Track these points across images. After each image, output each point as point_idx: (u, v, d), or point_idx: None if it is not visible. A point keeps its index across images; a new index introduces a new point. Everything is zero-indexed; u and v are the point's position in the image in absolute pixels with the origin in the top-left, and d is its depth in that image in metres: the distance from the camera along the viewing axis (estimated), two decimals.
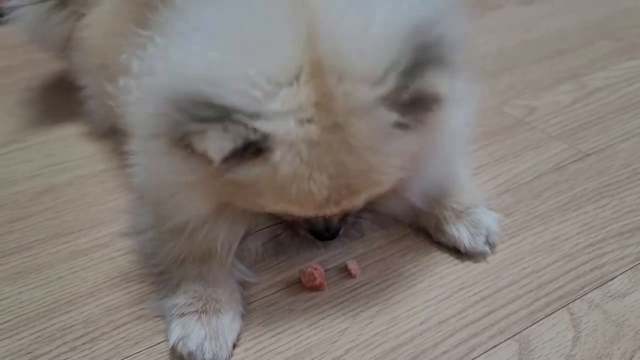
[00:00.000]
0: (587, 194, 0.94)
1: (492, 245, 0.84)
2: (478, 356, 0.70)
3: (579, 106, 1.19)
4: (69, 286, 0.81)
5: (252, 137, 0.58)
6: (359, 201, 0.69)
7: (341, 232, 0.77)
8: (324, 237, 0.76)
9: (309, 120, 0.60)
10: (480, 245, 0.83)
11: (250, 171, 0.61)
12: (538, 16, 1.60)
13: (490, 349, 0.71)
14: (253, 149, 0.60)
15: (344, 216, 0.76)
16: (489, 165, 1.02)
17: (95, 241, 0.89)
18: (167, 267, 0.77)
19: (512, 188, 0.96)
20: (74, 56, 1.12)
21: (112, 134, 1.07)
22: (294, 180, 0.62)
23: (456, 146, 0.82)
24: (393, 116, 0.60)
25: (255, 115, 0.58)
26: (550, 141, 1.08)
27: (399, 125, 0.61)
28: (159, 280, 0.78)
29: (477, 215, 0.85)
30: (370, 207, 0.78)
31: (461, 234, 0.83)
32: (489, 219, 0.85)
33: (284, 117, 0.59)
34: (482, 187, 0.96)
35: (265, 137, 0.59)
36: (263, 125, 0.58)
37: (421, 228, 0.88)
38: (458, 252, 0.84)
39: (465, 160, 0.94)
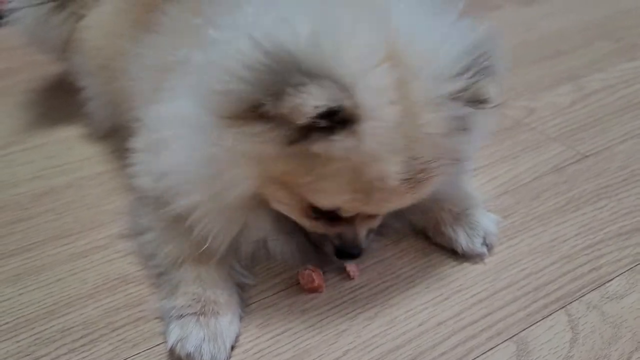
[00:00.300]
0: (586, 195, 0.94)
1: (489, 247, 0.84)
2: (476, 357, 0.70)
3: (577, 107, 1.19)
4: (69, 288, 0.81)
5: (347, 103, 0.59)
6: (426, 193, 0.71)
7: (363, 252, 0.78)
8: (350, 254, 0.77)
9: (394, 102, 0.62)
10: (477, 246, 0.83)
11: (332, 142, 0.61)
12: (538, 17, 1.60)
13: (488, 350, 0.71)
14: (342, 118, 0.60)
15: (369, 232, 0.78)
16: (488, 166, 1.02)
17: (94, 243, 0.89)
18: (166, 269, 0.78)
19: (511, 189, 0.97)
20: (74, 58, 1.12)
21: (112, 136, 1.08)
22: (374, 159, 0.63)
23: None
24: (460, 110, 0.65)
25: (351, 82, 0.59)
26: (549, 142, 1.08)
27: (461, 121, 0.66)
28: (158, 282, 0.79)
29: (474, 217, 0.85)
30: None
31: (458, 235, 0.83)
32: (487, 221, 0.85)
33: (377, 92, 0.61)
34: (480, 188, 0.96)
35: (357, 107, 0.60)
36: (358, 93, 0.59)
37: (419, 230, 0.88)
38: (456, 253, 0.84)
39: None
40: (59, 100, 1.24)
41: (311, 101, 0.57)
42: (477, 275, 0.81)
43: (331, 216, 0.72)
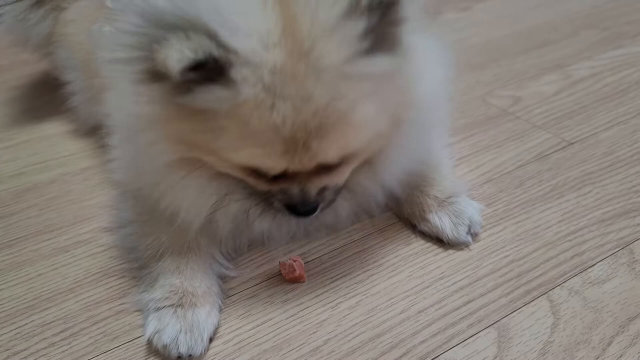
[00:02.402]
0: (570, 182, 0.94)
1: (474, 235, 0.84)
2: (456, 345, 0.70)
3: (563, 95, 1.18)
4: (49, 283, 0.81)
5: (215, 52, 0.56)
6: (330, 149, 0.64)
7: (318, 209, 0.72)
8: (299, 211, 0.71)
9: (274, 45, 0.58)
10: (462, 235, 0.83)
11: (210, 94, 0.59)
12: (526, 8, 1.60)
13: (469, 337, 0.71)
14: (214, 68, 0.57)
15: (322, 190, 0.72)
16: (472, 155, 1.01)
17: (77, 238, 0.89)
18: (146, 262, 0.77)
19: (495, 178, 0.96)
20: (58, 52, 1.12)
21: (96, 132, 1.07)
22: (255, 108, 0.59)
23: (434, 116, 0.79)
24: (359, 25, 0.58)
25: (220, 29, 0.57)
26: (534, 131, 1.07)
27: (367, 40, 0.59)
28: (139, 274, 0.78)
29: (459, 205, 0.85)
30: (348, 186, 0.76)
31: (444, 223, 0.83)
32: (472, 209, 0.85)
33: (249, 36, 0.58)
34: (464, 177, 0.96)
35: (228, 53, 0.57)
36: (227, 40, 0.57)
37: (405, 217, 0.88)
38: (439, 241, 0.84)
39: (448, 150, 0.94)
40: (43, 98, 1.24)
41: (176, 54, 0.55)
42: (459, 262, 0.81)
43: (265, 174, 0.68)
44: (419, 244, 0.85)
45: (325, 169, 0.69)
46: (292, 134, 0.61)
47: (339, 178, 0.73)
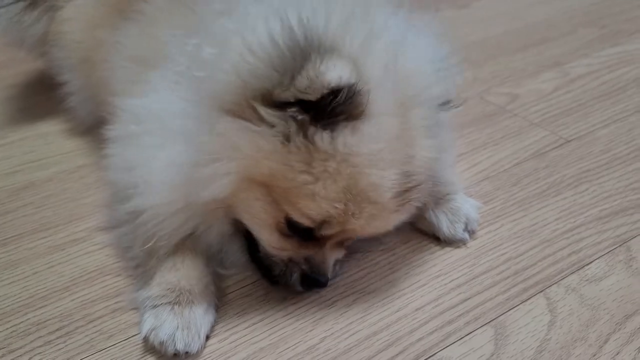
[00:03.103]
0: (567, 180, 0.94)
1: (471, 233, 0.84)
2: (453, 342, 0.70)
3: (561, 93, 1.18)
4: (45, 281, 0.81)
5: (359, 85, 0.59)
6: (405, 217, 0.72)
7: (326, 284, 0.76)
8: (317, 281, 0.74)
9: (395, 114, 0.65)
10: (459, 232, 0.83)
11: (337, 137, 0.62)
12: (524, 5, 1.60)
13: (466, 335, 0.71)
14: (349, 106, 0.60)
15: (336, 263, 0.76)
16: (469, 153, 1.01)
17: (73, 236, 0.88)
18: (142, 260, 0.77)
19: (492, 175, 0.96)
20: (54, 51, 1.11)
21: (93, 130, 1.07)
22: (372, 165, 0.63)
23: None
24: (435, 113, 0.69)
25: (363, 64, 0.62)
26: (531, 128, 1.07)
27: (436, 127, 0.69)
28: (135, 273, 0.78)
29: (456, 202, 0.84)
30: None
31: (440, 221, 0.83)
32: (468, 207, 0.85)
33: (383, 88, 0.63)
34: (461, 175, 0.95)
35: (367, 95, 0.61)
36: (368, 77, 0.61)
37: None
38: (436, 239, 0.84)
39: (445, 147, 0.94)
40: (39, 96, 1.24)
41: (329, 73, 0.58)
42: (456, 260, 0.81)
43: (305, 235, 0.70)
44: (414, 242, 0.84)
45: (343, 242, 0.75)
46: (388, 201, 0.66)
47: (343, 251, 0.77)
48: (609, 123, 1.07)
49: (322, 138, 0.62)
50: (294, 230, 0.69)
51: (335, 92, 0.59)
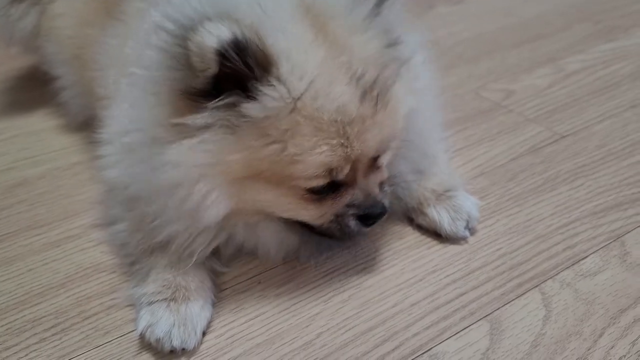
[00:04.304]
0: (562, 175, 0.94)
1: (471, 231, 0.84)
2: (449, 337, 0.70)
3: (556, 89, 1.18)
4: (40, 278, 0.80)
5: (254, 41, 0.58)
6: (384, 129, 0.68)
7: (387, 207, 0.74)
8: (375, 214, 0.73)
9: (314, 41, 0.63)
10: (460, 230, 0.83)
11: (267, 96, 0.60)
12: (519, 1, 1.60)
13: (462, 330, 0.71)
14: (259, 60, 0.59)
15: (381, 186, 0.74)
16: (465, 149, 1.01)
17: (67, 233, 0.88)
18: (137, 257, 0.77)
19: (487, 171, 0.96)
20: (47, 46, 1.10)
21: (86, 126, 1.07)
22: (317, 95, 0.62)
23: (431, 120, 0.82)
24: (381, 23, 0.67)
25: (256, 25, 0.60)
26: (527, 124, 1.07)
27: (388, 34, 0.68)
28: (131, 270, 0.78)
29: (458, 200, 0.84)
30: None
31: (442, 217, 0.83)
32: (470, 204, 0.85)
33: (288, 35, 0.61)
34: (457, 170, 0.95)
35: (269, 49, 0.60)
36: (266, 36, 0.60)
37: (402, 211, 0.87)
38: (432, 235, 0.84)
39: (443, 144, 0.94)
40: (32, 92, 1.23)
41: (207, 39, 0.56)
42: (452, 256, 0.81)
43: (332, 186, 0.69)
44: (412, 238, 0.85)
45: (371, 166, 0.71)
46: (359, 109, 0.64)
47: (384, 170, 0.75)
48: (603, 118, 1.07)
49: (253, 107, 0.61)
50: (318, 192, 0.69)
51: (224, 54, 0.57)
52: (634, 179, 0.92)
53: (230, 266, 0.80)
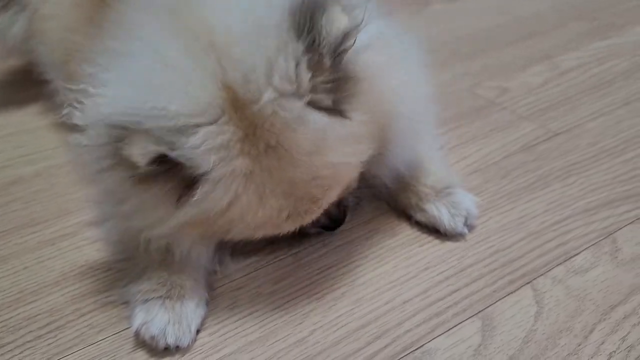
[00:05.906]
0: (555, 172, 0.95)
1: (470, 227, 0.84)
2: (441, 334, 0.71)
3: (550, 86, 1.19)
4: (35, 276, 0.81)
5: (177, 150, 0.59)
6: (331, 198, 0.70)
7: (348, 214, 0.82)
8: (334, 227, 0.81)
9: (237, 156, 0.61)
10: (459, 226, 0.83)
11: (197, 206, 0.62)
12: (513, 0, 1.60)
13: (453, 327, 0.71)
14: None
15: (340, 203, 0.77)
16: (458, 146, 1.02)
17: (62, 231, 0.88)
18: (132, 255, 0.77)
19: (481, 168, 0.97)
20: (39, 49, 1.10)
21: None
22: (248, 211, 0.64)
23: (419, 110, 0.79)
24: (323, 100, 0.62)
25: (173, 144, 0.59)
26: (520, 121, 1.08)
27: (331, 111, 0.63)
28: (125, 267, 0.78)
29: (457, 196, 0.85)
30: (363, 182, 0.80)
31: (441, 214, 0.83)
32: (468, 201, 0.85)
33: (204, 154, 0.60)
34: (450, 168, 0.96)
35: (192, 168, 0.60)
36: (182, 155, 0.59)
37: (400, 207, 0.88)
38: (429, 231, 0.84)
39: (437, 141, 0.94)
40: (28, 91, 1.23)
41: (139, 149, 0.58)
42: (444, 253, 0.82)
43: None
44: (404, 235, 0.85)
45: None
46: (291, 215, 0.67)
47: (350, 188, 0.77)
48: (597, 116, 1.08)
49: (186, 210, 0.63)
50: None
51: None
52: (627, 176, 0.93)
53: (225, 264, 0.81)
